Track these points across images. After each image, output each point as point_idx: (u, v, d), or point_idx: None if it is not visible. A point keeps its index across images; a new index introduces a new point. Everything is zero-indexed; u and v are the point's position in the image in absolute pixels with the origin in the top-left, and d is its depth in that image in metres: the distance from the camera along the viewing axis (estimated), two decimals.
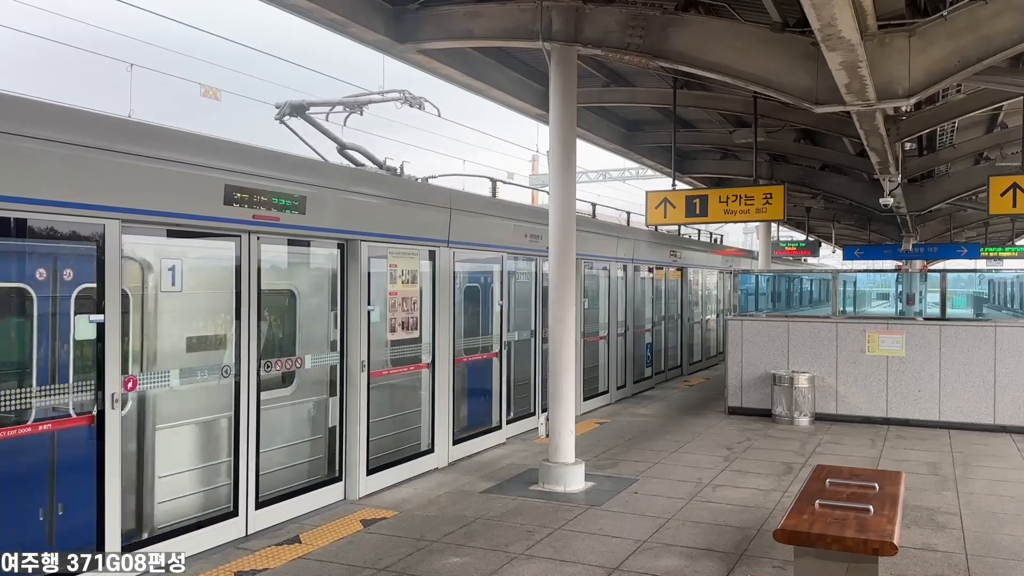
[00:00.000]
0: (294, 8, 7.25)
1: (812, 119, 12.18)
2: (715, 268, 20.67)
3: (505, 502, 7.40)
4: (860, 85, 6.93)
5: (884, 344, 11.52)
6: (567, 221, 8.07)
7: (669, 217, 10.98)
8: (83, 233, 5.11)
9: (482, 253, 9.80)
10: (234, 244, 6.30)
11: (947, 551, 6.13)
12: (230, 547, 6.10)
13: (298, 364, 7.21)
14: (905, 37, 6.91)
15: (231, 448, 6.33)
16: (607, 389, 13.45)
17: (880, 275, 27.68)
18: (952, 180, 17.77)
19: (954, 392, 11.17)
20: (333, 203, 7.15)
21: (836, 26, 5.77)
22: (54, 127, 4.91)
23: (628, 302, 14.32)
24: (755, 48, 7.54)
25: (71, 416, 5.10)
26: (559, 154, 8.03)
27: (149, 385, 5.85)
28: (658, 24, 7.66)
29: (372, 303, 7.68)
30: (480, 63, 9.80)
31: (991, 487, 8.07)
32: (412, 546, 6.16)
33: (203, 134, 6.20)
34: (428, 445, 8.67)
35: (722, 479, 8.32)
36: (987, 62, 6.81)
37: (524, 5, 7.81)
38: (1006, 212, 10.70)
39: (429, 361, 8.69)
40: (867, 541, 4.43)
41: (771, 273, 20.08)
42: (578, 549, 6.13)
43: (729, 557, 5.99)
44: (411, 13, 8.11)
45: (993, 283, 24.60)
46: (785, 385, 11.58)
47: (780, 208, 10.41)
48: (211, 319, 6.69)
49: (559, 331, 8.07)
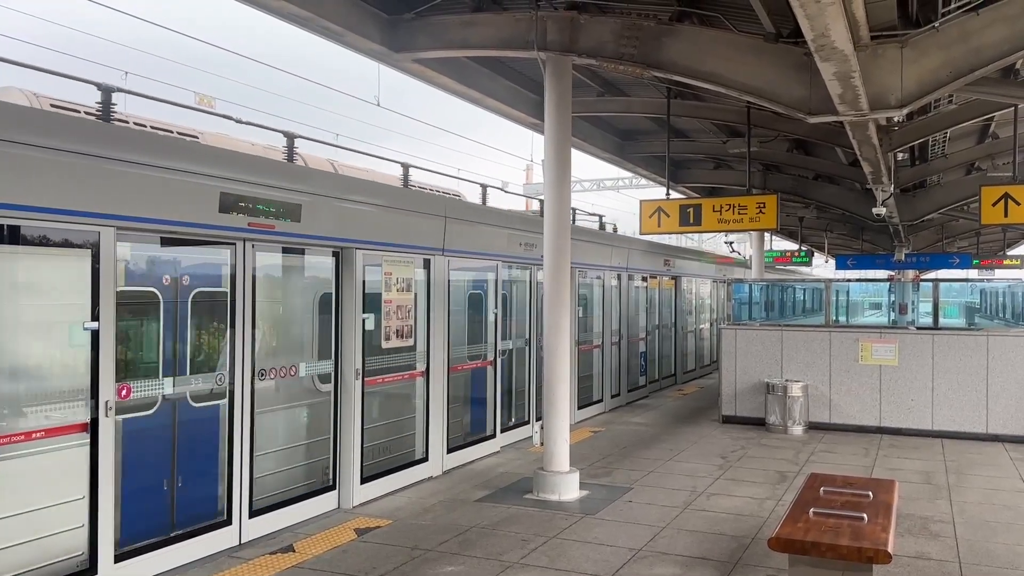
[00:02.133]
0: (291, 17, 7.27)
1: (805, 129, 12.23)
2: (708, 277, 20.73)
3: (500, 511, 7.39)
4: (853, 95, 6.97)
5: (877, 353, 11.56)
6: (562, 230, 8.09)
7: (663, 226, 11.00)
8: (76, 241, 5.11)
9: (477, 261, 9.81)
10: (229, 252, 6.30)
11: (941, 559, 6.14)
12: (223, 556, 6.08)
13: (292, 372, 7.19)
14: (897, 48, 6.96)
15: (225, 456, 6.32)
16: (601, 398, 13.45)
17: (873, 285, 27.78)
18: (944, 190, 17.86)
19: (947, 401, 11.20)
20: (328, 211, 7.15)
21: (829, 36, 5.81)
22: (48, 134, 4.90)
23: (622, 311, 14.35)
24: (749, 58, 7.59)
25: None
26: (554, 163, 8.06)
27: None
28: (652, 34, 7.71)
29: (366, 311, 7.69)
30: (475, 72, 9.83)
31: (984, 496, 8.09)
32: (406, 555, 6.15)
33: (198, 142, 6.20)
34: (422, 454, 8.65)
35: (716, 488, 8.32)
36: (978, 73, 6.86)
37: (519, 15, 7.85)
38: (997, 222, 10.75)
39: (424, 369, 8.69)
40: (861, 549, 4.45)
41: (764, 282, 20.14)
42: (573, 558, 6.12)
43: (724, 566, 5.99)
44: (407, 22, 8.14)
45: (985, 293, 24.72)
46: (779, 394, 11.60)
47: (773, 217, 10.45)
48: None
49: (554, 339, 8.08)
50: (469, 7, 8.08)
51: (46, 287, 5.21)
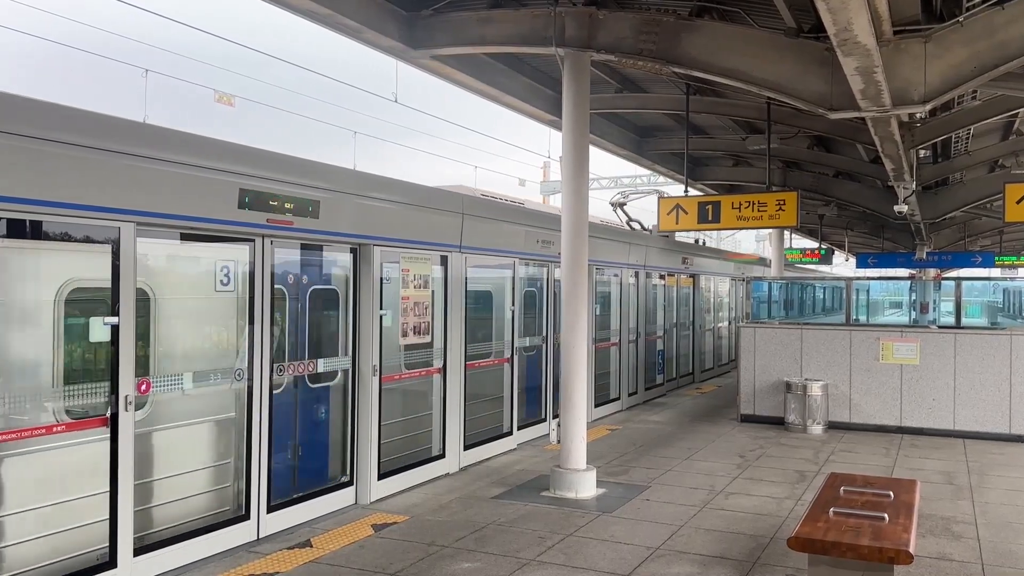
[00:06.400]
0: (309, 14, 7.29)
1: (826, 125, 12.13)
2: (727, 275, 20.60)
3: (516, 508, 7.38)
4: (875, 91, 6.89)
5: (898, 352, 11.44)
6: (579, 227, 8.05)
7: (681, 223, 10.96)
8: (97, 237, 5.14)
9: (494, 258, 9.80)
10: (248, 248, 6.32)
11: (963, 560, 6.07)
12: (241, 550, 6.11)
13: (310, 368, 7.22)
14: (921, 43, 6.88)
15: (244, 451, 6.35)
16: (618, 396, 13.41)
17: (893, 283, 27.50)
18: (967, 188, 17.66)
19: (969, 401, 11.07)
20: (346, 208, 7.16)
21: (852, 31, 5.75)
22: (71, 130, 4.94)
23: (639, 308, 14.28)
24: (769, 54, 7.52)
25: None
26: (571, 160, 8.03)
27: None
28: (671, 30, 7.66)
29: (384, 307, 7.70)
30: (492, 69, 9.82)
31: (1007, 497, 7.99)
32: (423, 551, 6.15)
33: (218, 138, 6.22)
34: (439, 450, 8.66)
35: (735, 487, 8.27)
36: (1003, 68, 6.77)
37: (537, 11, 7.83)
38: (1022, 220, 10.63)
39: (441, 366, 8.69)
40: (882, 549, 4.40)
41: (784, 280, 19.99)
42: (590, 556, 6.10)
43: (742, 565, 5.94)
44: (424, 19, 8.14)
45: (1008, 292, 24.41)
46: (798, 393, 11.51)
47: (793, 215, 10.38)
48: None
49: (571, 337, 8.05)
50: (487, 3, 8.06)
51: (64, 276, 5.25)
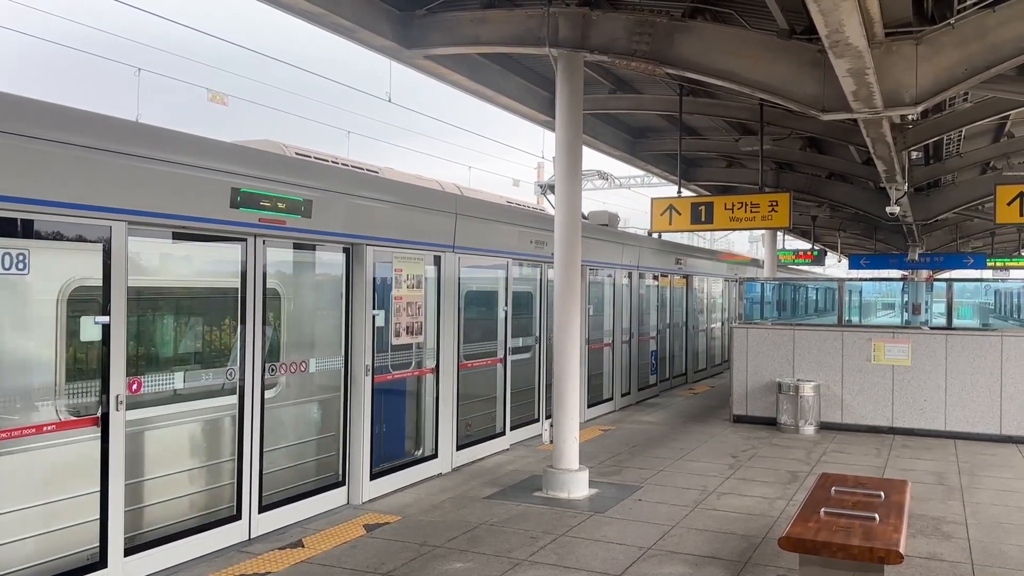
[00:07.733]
0: (303, 14, 7.27)
1: (818, 127, 12.17)
2: (720, 276, 20.65)
3: (508, 508, 7.38)
4: (867, 92, 6.92)
5: (890, 353, 11.48)
6: (573, 227, 8.06)
7: (674, 224, 10.97)
8: (90, 236, 5.12)
9: (487, 259, 9.80)
10: (240, 247, 6.31)
11: (953, 560, 6.09)
12: (233, 550, 6.09)
13: (302, 368, 7.21)
14: (912, 45, 6.91)
15: (235, 451, 6.33)
16: (611, 396, 13.42)
17: (886, 284, 27.59)
18: (958, 189, 17.74)
19: (960, 402, 11.12)
20: (339, 207, 7.15)
21: (844, 33, 5.77)
22: (62, 129, 4.92)
23: (633, 309, 14.30)
24: (762, 55, 7.54)
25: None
26: (565, 160, 8.03)
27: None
28: (665, 31, 7.67)
29: (376, 307, 7.69)
30: (486, 69, 9.82)
31: (997, 497, 8.02)
32: (415, 551, 6.14)
33: (210, 138, 6.20)
34: (432, 450, 8.65)
35: (727, 487, 8.28)
36: (994, 70, 6.80)
37: (531, 11, 7.83)
38: (1013, 221, 10.68)
39: (433, 366, 8.68)
40: (873, 549, 4.42)
41: (776, 281, 20.04)
42: (582, 556, 6.11)
43: (734, 565, 5.96)
44: (419, 19, 8.13)
45: (999, 293, 24.51)
46: (790, 393, 11.54)
47: (786, 216, 10.40)
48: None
49: (564, 337, 8.06)
50: (481, 3, 8.06)
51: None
